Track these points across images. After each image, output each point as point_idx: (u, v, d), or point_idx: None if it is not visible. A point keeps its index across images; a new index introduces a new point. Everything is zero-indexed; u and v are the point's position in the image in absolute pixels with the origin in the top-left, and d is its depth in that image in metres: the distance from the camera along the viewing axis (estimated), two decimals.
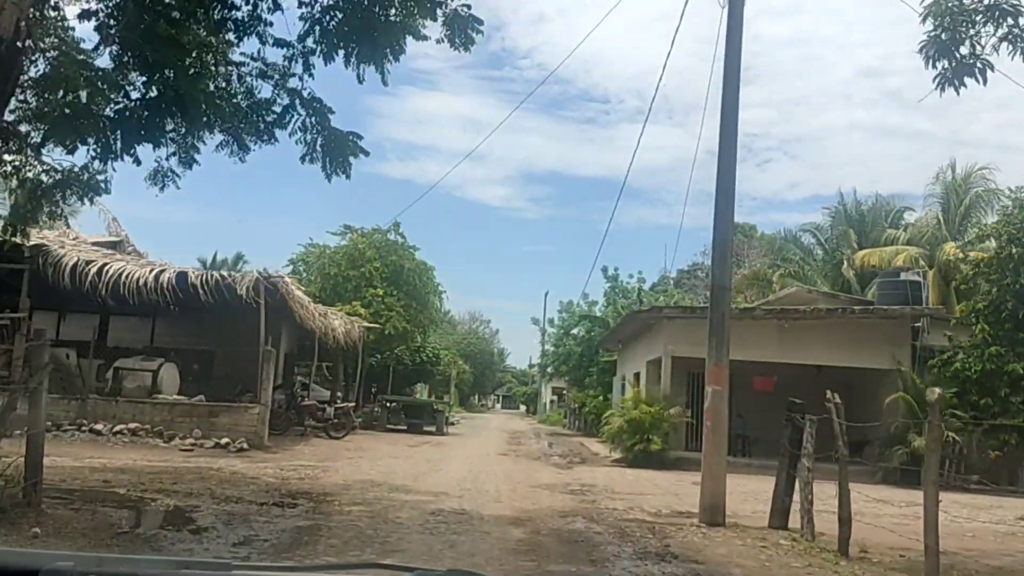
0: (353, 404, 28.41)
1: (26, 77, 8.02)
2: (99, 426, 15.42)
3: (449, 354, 59.39)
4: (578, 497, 12.04)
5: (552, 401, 73.00)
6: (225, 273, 16.25)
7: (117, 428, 15.47)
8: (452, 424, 38.49)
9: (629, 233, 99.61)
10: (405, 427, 28.90)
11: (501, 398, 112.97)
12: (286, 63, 9.15)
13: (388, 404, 28.88)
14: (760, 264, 39.23)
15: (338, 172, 9.36)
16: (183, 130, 9.13)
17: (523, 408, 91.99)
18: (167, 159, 9.42)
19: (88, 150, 8.59)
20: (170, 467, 12.04)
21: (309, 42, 8.87)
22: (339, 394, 32.79)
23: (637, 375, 23.09)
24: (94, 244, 18.48)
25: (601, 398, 29.37)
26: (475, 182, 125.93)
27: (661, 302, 32.01)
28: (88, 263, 15.89)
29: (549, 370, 39.39)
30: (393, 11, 8.66)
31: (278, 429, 19.99)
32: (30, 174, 9.10)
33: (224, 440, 15.44)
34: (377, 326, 26.61)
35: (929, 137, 77.23)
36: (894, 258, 27.32)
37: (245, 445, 15.47)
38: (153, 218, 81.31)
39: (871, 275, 27.67)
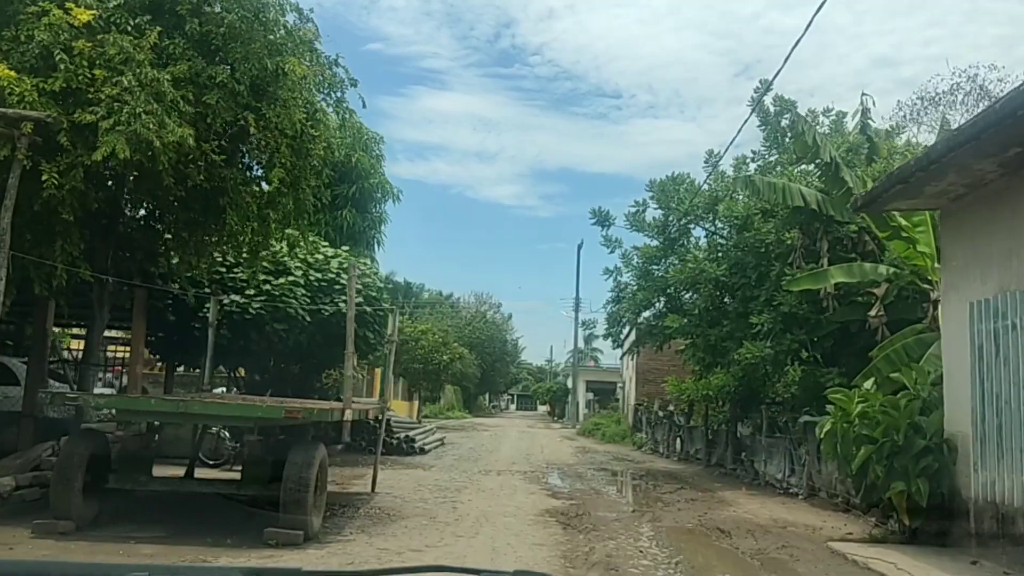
0: None
1: None
2: None
3: (432, 333, 38.01)
4: None
5: (589, 401, 52.13)
6: None
7: None
8: (422, 452, 18.28)
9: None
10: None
11: (516, 397, 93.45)
12: None
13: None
14: None
15: None
16: None
17: (544, 409, 71.31)
18: None
19: None
20: None
21: None
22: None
23: None
24: None
25: (871, 389, 8.63)
26: (487, 181, 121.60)
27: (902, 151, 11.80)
28: None
29: (633, 326, 17.67)
30: None
31: None
32: None
33: None
34: (53, 117, 6.33)
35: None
36: None
37: None
38: None
39: None
